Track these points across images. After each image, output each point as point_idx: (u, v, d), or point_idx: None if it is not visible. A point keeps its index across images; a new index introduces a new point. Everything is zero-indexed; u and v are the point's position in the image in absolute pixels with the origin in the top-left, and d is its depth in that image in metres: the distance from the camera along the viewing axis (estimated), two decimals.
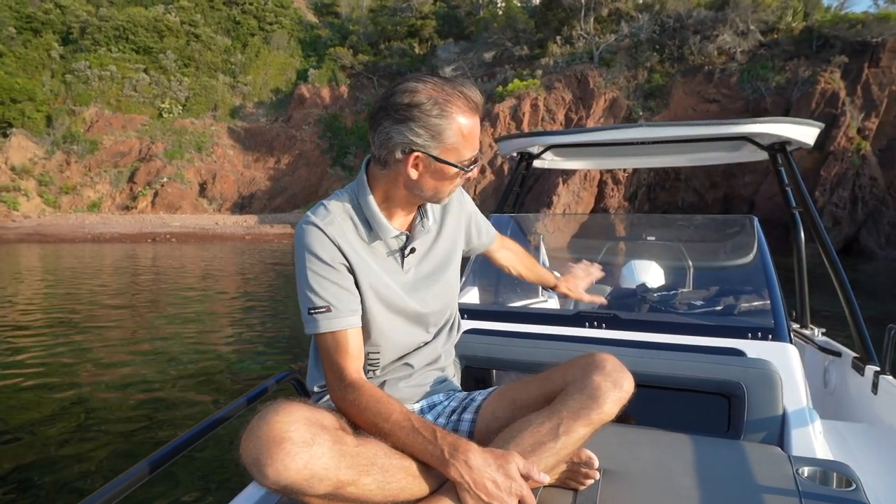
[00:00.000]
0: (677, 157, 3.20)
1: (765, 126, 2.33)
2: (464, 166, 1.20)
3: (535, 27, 34.62)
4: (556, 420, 1.14)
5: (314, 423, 0.99)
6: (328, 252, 1.21)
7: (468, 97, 1.17)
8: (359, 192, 1.28)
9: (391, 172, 1.22)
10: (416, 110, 1.13)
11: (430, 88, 1.14)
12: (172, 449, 1.13)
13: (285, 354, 6.71)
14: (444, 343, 1.44)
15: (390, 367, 1.36)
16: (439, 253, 1.39)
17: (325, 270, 1.21)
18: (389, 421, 1.10)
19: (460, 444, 1.06)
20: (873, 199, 24.60)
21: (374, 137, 1.20)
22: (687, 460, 1.36)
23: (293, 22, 47.71)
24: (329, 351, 1.21)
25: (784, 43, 28.36)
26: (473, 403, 1.37)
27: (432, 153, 1.16)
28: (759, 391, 1.57)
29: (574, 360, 1.26)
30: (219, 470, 3.57)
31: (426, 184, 1.21)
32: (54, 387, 5.38)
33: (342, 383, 1.19)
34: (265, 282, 13.95)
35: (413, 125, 1.14)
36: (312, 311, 1.20)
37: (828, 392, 2.57)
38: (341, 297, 1.21)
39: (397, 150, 1.17)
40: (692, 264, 2.95)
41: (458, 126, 1.16)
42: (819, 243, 2.39)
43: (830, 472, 1.29)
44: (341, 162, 39.36)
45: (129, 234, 29.64)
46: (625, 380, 1.18)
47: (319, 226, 1.22)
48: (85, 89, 39.63)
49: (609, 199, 27.67)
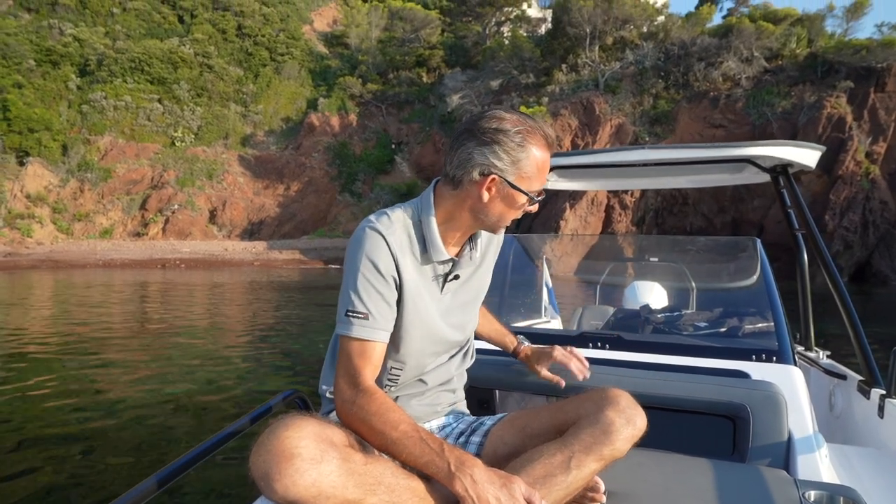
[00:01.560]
0: (680, 178, 3.21)
1: (766, 149, 2.34)
2: (533, 196, 1.25)
3: (540, 55, 35.20)
4: (568, 453, 1.15)
5: (324, 440, 0.99)
6: (384, 262, 1.22)
7: (546, 134, 1.24)
8: (422, 209, 1.31)
9: (462, 193, 1.25)
10: (501, 135, 1.20)
11: (515, 119, 1.22)
12: (179, 466, 1.13)
13: (293, 377, 6.69)
14: (457, 366, 1.46)
15: (405, 385, 1.38)
16: (476, 284, 1.43)
17: (376, 279, 1.22)
18: (398, 430, 1.10)
19: (466, 459, 1.06)
20: (884, 222, 24.43)
21: (454, 157, 1.24)
22: (692, 483, 1.35)
23: (304, 53, 48.82)
24: (351, 355, 1.21)
25: (789, 69, 28.61)
26: (482, 427, 1.38)
27: (508, 178, 1.22)
28: (764, 414, 1.56)
29: (588, 394, 1.26)
30: (224, 487, 3.56)
31: (493, 209, 1.26)
32: (63, 408, 5.39)
33: (356, 388, 1.18)
34: (272, 307, 13.98)
35: (497, 149, 1.20)
36: (351, 313, 1.21)
37: (834, 415, 2.53)
38: (382, 309, 1.23)
39: (475, 170, 1.22)
40: (695, 286, 2.93)
41: (535, 157, 1.22)
42: (822, 265, 2.38)
43: (837, 497, 1.27)
44: (350, 189, 39.78)
45: (140, 261, 29.93)
46: (638, 417, 1.19)
47: (383, 233, 1.23)
48: (100, 119, 40.57)
49: (616, 223, 27.67)
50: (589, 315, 3.14)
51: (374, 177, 39.96)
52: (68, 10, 46.02)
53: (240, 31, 47.91)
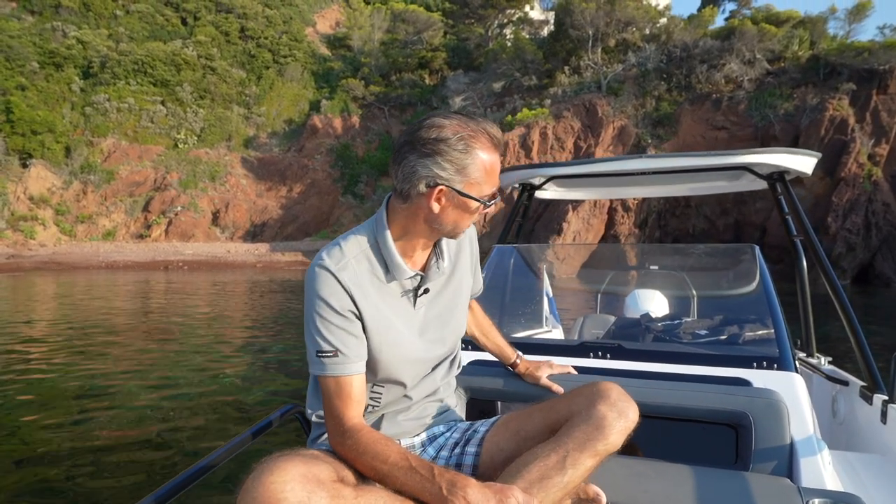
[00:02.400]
0: (678, 186, 3.22)
1: (763, 156, 2.35)
2: (485, 201, 1.22)
3: (543, 58, 35.20)
4: (563, 452, 1.14)
5: (310, 480, 0.98)
6: (338, 299, 1.20)
7: (491, 134, 1.21)
8: (377, 229, 1.28)
9: (412, 206, 1.23)
10: (442, 145, 1.16)
11: (455, 124, 1.17)
12: (177, 484, 1.13)
13: (294, 379, 6.69)
14: (443, 376, 1.44)
15: (390, 401, 1.36)
16: (451, 293, 1.40)
17: (334, 317, 1.20)
18: (388, 462, 1.10)
19: (458, 480, 1.05)
20: (887, 224, 24.36)
21: (398, 172, 1.21)
22: (695, 493, 1.34)
23: (306, 55, 48.90)
24: (331, 395, 1.21)
25: (791, 71, 28.57)
26: (476, 435, 1.36)
27: (456, 187, 1.18)
28: (766, 421, 1.56)
29: (578, 390, 1.26)
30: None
31: (447, 218, 1.22)
32: (63, 412, 5.40)
33: (341, 428, 1.19)
34: (275, 310, 14.00)
35: (439, 159, 1.16)
36: (320, 354, 1.20)
37: (836, 422, 2.52)
38: (349, 343, 1.21)
39: (421, 183, 1.18)
40: (696, 293, 2.93)
41: (482, 161, 1.18)
42: (821, 270, 2.38)
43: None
44: (352, 191, 39.82)
45: (142, 262, 29.99)
46: (630, 409, 1.18)
47: (332, 270, 1.21)
48: (103, 121, 40.66)
49: (619, 226, 27.64)
50: (590, 324, 3.14)
51: (377, 178, 39.99)
52: (71, 12, 46.16)
53: (243, 33, 48.02)
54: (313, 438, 1.38)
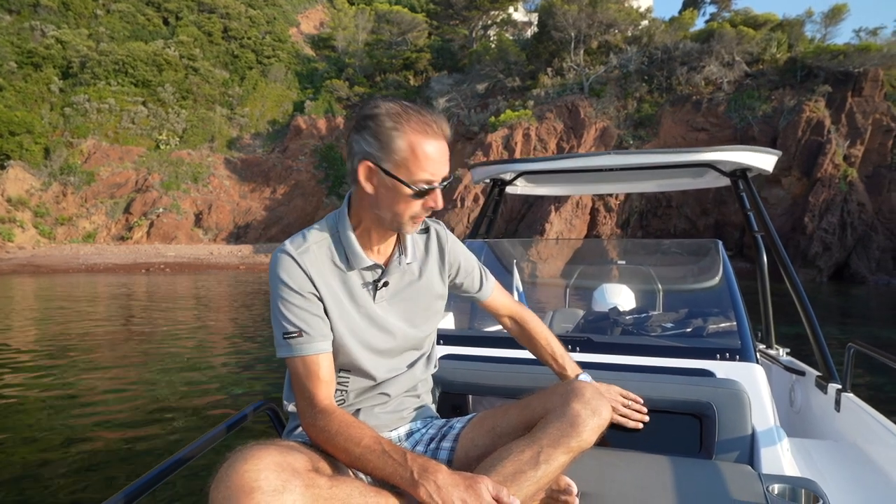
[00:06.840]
0: (645, 183, 3.29)
1: (725, 154, 2.43)
2: (414, 186, 1.18)
3: (526, 59, 35.41)
4: (537, 448, 1.15)
5: (285, 469, 0.97)
6: (297, 280, 1.22)
7: (427, 120, 1.18)
8: (339, 219, 1.30)
9: (359, 191, 1.24)
10: (371, 120, 1.18)
11: (392, 105, 1.18)
12: (149, 480, 1.13)
13: (274, 375, 6.69)
14: (421, 372, 1.45)
15: (365, 395, 1.36)
16: (416, 294, 1.39)
17: (295, 297, 1.22)
18: (360, 445, 1.11)
19: (429, 466, 1.05)
20: (862, 224, 24.87)
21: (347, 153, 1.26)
22: (662, 481, 1.39)
23: (290, 55, 48.63)
24: (300, 376, 1.21)
25: (769, 73, 29.08)
26: (452, 431, 1.37)
27: (382, 165, 1.17)
28: (729, 411, 1.61)
29: (553, 388, 1.28)
30: (195, 500, 3.56)
31: (382, 202, 1.21)
32: (38, 414, 5.36)
33: (313, 409, 1.19)
34: (257, 310, 13.93)
35: (366, 133, 1.18)
36: (286, 336, 1.22)
37: (794, 410, 2.61)
38: (312, 322, 1.22)
39: (355, 159, 1.21)
40: (661, 287, 3.01)
41: (410, 141, 1.16)
42: (780, 265, 2.46)
43: (799, 489, 1.33)
44: (337, 192, 39.68)
45: (123, 265, 29.59)
46: (603, 407, 1.20)
47: (293, 254, 1.23)
48: (83, 122, 40.05)
49: (601, 226, 27.90)
50: (560, 318, 3.19)
51: None
52: (50, 11, 45.44)
53: (226, 33, 47.61)
54: (289, 430, 1.39)
